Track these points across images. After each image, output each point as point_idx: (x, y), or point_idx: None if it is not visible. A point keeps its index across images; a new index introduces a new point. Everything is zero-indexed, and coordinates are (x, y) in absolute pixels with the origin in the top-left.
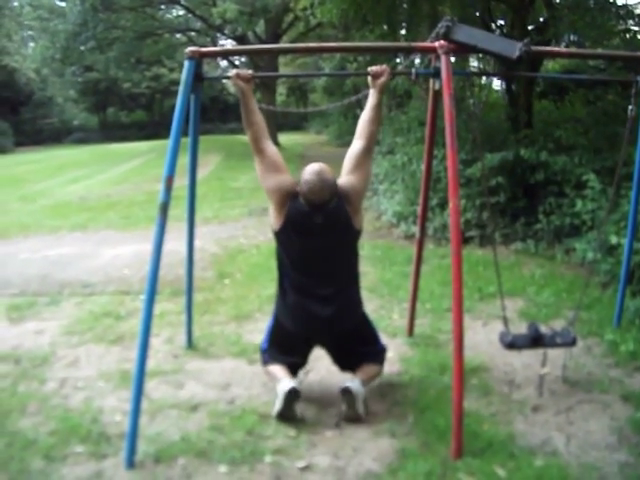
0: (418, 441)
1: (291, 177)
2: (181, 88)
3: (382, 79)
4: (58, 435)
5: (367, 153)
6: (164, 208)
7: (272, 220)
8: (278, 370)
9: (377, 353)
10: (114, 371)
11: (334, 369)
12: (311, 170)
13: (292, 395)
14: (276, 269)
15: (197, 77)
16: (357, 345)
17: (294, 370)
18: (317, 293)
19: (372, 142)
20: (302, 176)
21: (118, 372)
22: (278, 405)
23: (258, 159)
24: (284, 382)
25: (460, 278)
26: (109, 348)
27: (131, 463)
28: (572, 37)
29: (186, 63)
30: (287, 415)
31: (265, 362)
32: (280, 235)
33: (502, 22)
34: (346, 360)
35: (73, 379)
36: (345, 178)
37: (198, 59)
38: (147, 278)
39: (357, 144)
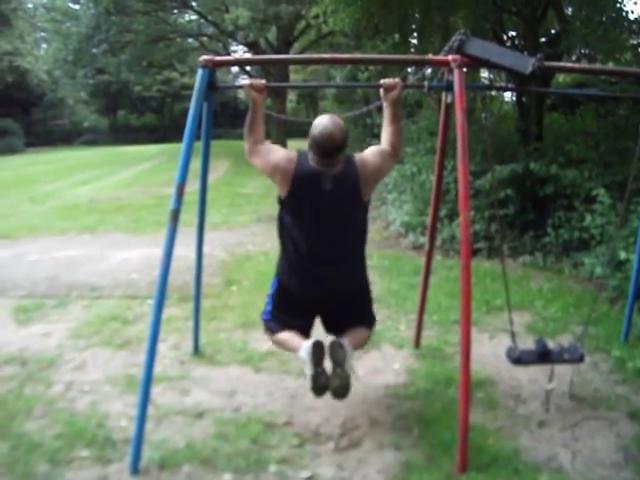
0: (423, 454)
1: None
2: (194, 97)
3: (394, 92)
4: (63, 439)
5: (391, 157)
6: (175, 216)
7: (279, 190)
8: (290, 337)
9: (369, 319)
10: (120, 376)
11: None
12: (321, 117)
13: (318, 348)
14: (278, 234)
15: (210, 86)
16: (353, 308)
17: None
18: (323, 257)
19: (397, 150)
20: (312, 125)
21: (124, 377)
22: (308, 369)
23: (253, 156)
24: (303, 343)
25: (469, 292)
26: (116, 352)
27: (136, 469)
28: (583, 50)
29: (200, 72)
30: (321, 378)
31: (272, 331)
32: (287, 201)
33: (513, 33)
34: (338, 322)
35: (79, 383)
36: (371, 151)
37: (212, 68)
38: (156, 285)
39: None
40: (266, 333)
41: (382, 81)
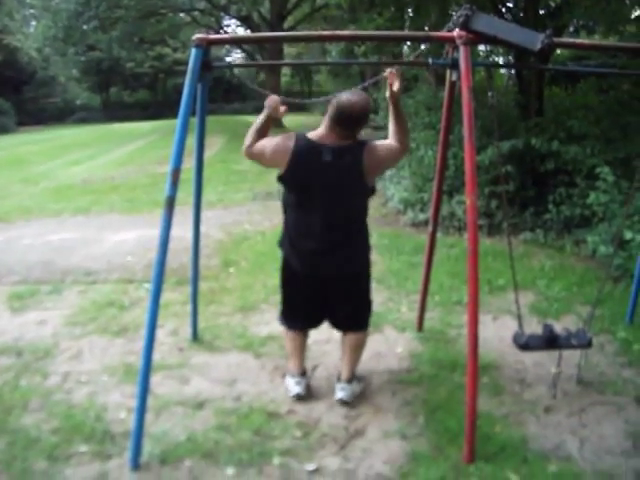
0: (429, 444)
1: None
2: (188, 78)
3: (395, 87)
4: (61, 433)
5: (400, 152)
6: (170, 202)
7: (280, 169)
8: (292, 345)
9: (364, 316)
10: (118, 364)
11: None
12: (348, 91)
13: (298, 398)
14: (282, 210)
15: (205, 65)
16: (353, 299)
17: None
18: (323, 234)
19: (405, 145)
20: (337, 97)
21: (122, 365)
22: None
23: (253, 155)
24: (291, 384)
25: (476, 279)
26: (113, 340)
27: (136, 464)
28: (581, 21)
29: (193, 51)
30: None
31: (282, 324)
32: (285, 177)
33: (510, 5)
34: (334, 316)
35: (76, 373)
36: (382, 143)
37: (206, 47)
38: (153, 275)
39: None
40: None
41: (385, 74)
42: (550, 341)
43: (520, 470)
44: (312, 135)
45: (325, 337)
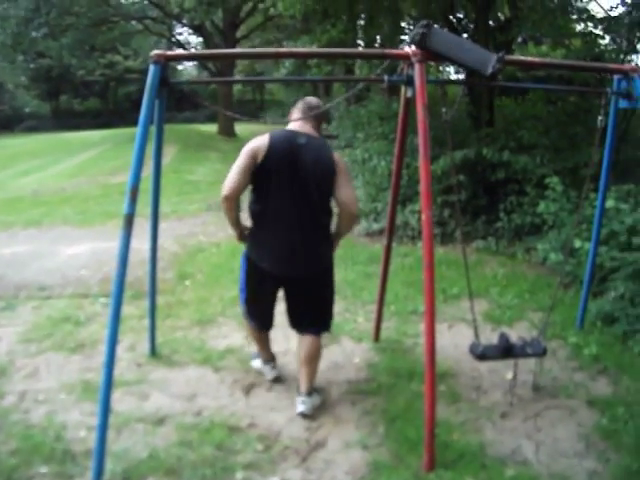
0: (390, 453)
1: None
2: (146, 94)
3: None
4: (20, 455)
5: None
6: (129, 220)
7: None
8: (257, 338)
9: (323, 324)
10: (76, 382)
11: None
12: None
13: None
14: (249, 210)
15: (162, 82)
16: (314, 302)
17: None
18: (292, 231)
19: (354, 214)
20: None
21: (80, 383)
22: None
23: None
24: (267, 370)
25: (432, 292)
26: (69, 357)
27: None
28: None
29: (151, 68)
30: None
31: (244, 314)
32: (264, 163)
33: (461, 16)
34: (298, 316)
35: (33, 392)
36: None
37: (164, 63)
38: (112, 293)
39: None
40: (241, 308)
41: None
42: (506, 351)
43: (479, 476)
44: (288, 127)
45: (283, 349)
